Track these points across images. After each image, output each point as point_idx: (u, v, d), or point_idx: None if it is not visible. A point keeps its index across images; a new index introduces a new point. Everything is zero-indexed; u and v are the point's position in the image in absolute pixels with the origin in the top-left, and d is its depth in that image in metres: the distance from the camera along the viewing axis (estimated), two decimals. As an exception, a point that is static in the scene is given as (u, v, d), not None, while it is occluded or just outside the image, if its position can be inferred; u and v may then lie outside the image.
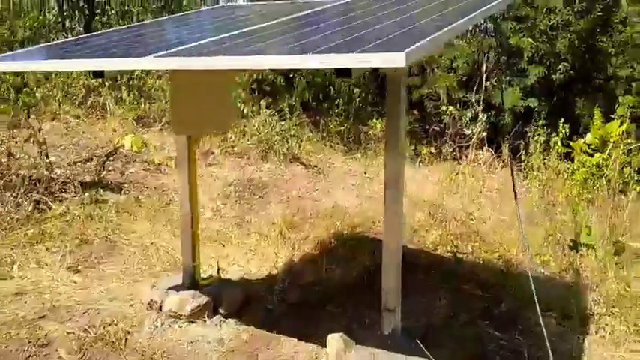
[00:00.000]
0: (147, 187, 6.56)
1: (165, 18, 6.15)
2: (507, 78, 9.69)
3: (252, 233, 5.61)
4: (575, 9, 8.69)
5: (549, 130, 8.00)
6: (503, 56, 10.18)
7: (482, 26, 10.52)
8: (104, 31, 5.53)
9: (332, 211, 6.69)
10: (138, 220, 5.58)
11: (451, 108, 10.05)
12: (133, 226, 5.38)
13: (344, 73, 2.37)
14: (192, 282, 3.98)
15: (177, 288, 3.92)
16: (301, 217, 6.27)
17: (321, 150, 9.66)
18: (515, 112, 9.16)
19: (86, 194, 5.87)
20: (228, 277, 4.39)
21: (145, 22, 6.97)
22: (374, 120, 11.11)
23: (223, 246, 5.26)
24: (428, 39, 2.12)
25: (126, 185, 6.46)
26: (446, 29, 2.41)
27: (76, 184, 6.02)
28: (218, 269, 4.27)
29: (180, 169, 4.00)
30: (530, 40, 8.89)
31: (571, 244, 5.20)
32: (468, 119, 9.97)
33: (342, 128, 10.69)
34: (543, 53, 9.05)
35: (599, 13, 8.59)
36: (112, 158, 7.28)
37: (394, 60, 1.92)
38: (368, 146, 10.12)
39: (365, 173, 8.81)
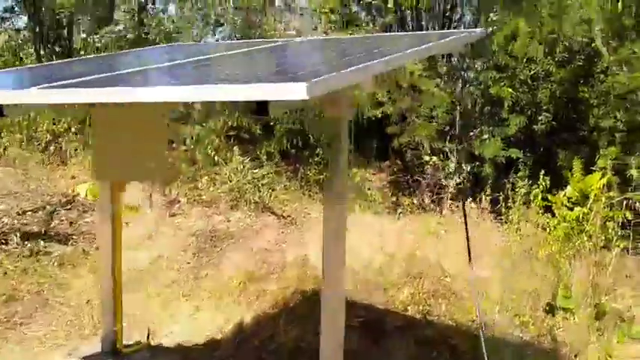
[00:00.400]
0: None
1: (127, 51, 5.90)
2: (490, 128, 9.40)
3: (204, 290, 5.16)
4: (556, 59, 8.49)
5: (531, 182, 7.66)
6: (486, 106, 9.95)
7: (465, 75, 10.32)
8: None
9: (299, 264, 6.26)
10: (80, 274, 5.13)
11: (434, 159, 9.76)
12: (73, 282, 4.94)
13: (261, 110, 2.05)
14: (112, 350, 3.51)
15: (94, 357, 3.45)
16: (264, 272, 5.83)
17: (297, 199, 9.28)
18: (497, 163, 8.83)
19: (28, 245, 5.43)
20: (160, 343, 3.92)
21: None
22: (354, 169, 10.78)
23: (169, 305, 4.80)
24: (337, 73, 1.79)
25: (75, 236, 6.03)
26: (362, 65, 2.10)
27: (18, 235, 5.59)
28: (148, 334, 3.80)
29: (101, 218, 3.60)
30: (510, 89, 8.64)
31: (547, 307, 4.76)
32: (450, 170, 9.66)
33: (321, 177, 10.31)
34: (524, 103, 8.80)
35: (579, 63, 8.40)
36: (68, 207, 6.88)
37: (292, 91, 1.58)
38: (347, 196, 9.73)
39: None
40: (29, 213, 6.51)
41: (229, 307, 4.78)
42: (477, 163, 9.48)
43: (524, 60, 8.70)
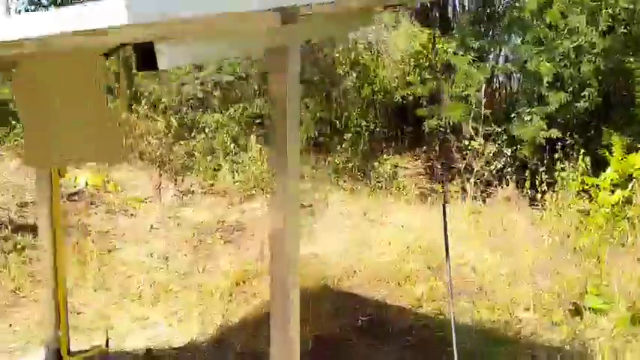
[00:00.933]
0: (97, 232, 5.80)
1: None
2: (528, 109, 8.63)
3: (195, 287, 4.74)
4: (600, 28, 7.65)
5: (572, 164, 6.93)
6: (524, 83, 9.20)
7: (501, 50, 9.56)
8: None
9: (305, 258, 5.77)
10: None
11: (473, 143, 9.07)
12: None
13: (147, 61, 1.59)
14: (56, 357, 3.11)
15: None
16: (265, 267, 5.37)
17: (322, 188, 8.79)
18: (535, 144, 8.07)
19: (17, 238, 5.15)
20: (122, 349, 3.51)
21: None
22: (384, 156, 10.19)
23: (152, 304, 4.40)
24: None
25: (72, 228, 5.72)
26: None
27: (10, 228, 5.32)
28: (107, 340, 3.38)
29: (40, 210, 3.20)
30: (548, 64, 7.85)
31: (573, 308, 4.10)
32: (486, 152, 8.94)
33: (350, 165, 9.78)
34: (565, 78, 8.00)
35: (623, 30, 7.54)
36: (74, 198, 6.61)
37: (104, 15, 1.10)
38: (378, 184, 9.18)
39: (365, 214, 7.89)
40: (31, 204, 6.26)
41: (218, 306, 4.34)
42: (519, 146, 8.75)
43: (565, 31, 7.90)
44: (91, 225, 6.00)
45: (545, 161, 7.29)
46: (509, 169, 8.68)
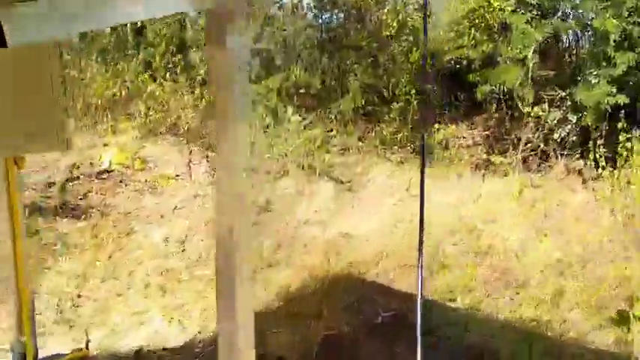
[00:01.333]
0: (119, 212, 5.62)
1: None
2: (594, 72, 7.78)
3: (204, 277, 4.45)
4: (677, -24, 6.72)
5: (638, 134, 6.18)
6: (589, 43, 8.32)
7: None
8: None
9: (334, 241, 5.39)
10: (72, 256, 4.61)
11: (536, 109, 8.31)
12: (57, 265, 4.41)
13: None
14: (20, 364, 2.88)
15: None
16: (285, 253, 5.02)
17: (365, 161, 8.32)
18: (600, 112, 7.26)
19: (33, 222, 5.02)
20: (108, 350, 3.24)
21: None
22: (436, 126, 9.56)
23: (156, 297, 4.13)
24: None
25: (93, 209, 5.55)
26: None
27: (27, 211, 5.18)
28: (87, 342, 3.12)
29: None
30: (615, 21, 6.99)
31: (617, 317, 3.52)
32: (552, 120, 8.16)
33: (399, 135, 9.21)
34: (634, 37, 7.12)
35: None
36: (103, 177, 6.46)
37: None
38: (429, 156, 8.61)
39: (407, 190, 7.42)
40: (58, 183, 6.15)
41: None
42: (583, 114, 7.94)
43: (635, -19, 6.99)
44: (115, 205, 5.81)
45: (604, 131, 6.54)
46: (570, 139, 7.93)
